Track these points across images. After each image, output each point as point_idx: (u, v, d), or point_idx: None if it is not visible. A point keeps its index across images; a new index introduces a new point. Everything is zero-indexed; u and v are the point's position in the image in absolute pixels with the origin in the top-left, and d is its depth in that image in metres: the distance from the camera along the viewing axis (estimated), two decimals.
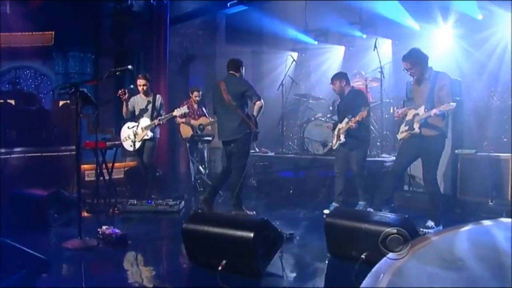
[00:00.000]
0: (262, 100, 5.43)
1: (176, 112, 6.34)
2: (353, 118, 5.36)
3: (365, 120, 5.47)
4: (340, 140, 5.58)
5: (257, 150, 7.97)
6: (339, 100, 5.95)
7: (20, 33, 8.77)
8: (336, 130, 5.74)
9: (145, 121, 6.38)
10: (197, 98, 7.68)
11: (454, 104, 4.21)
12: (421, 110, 4.53)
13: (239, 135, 5.38)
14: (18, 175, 6.04)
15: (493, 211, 5.16)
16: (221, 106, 5.52)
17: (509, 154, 5.52)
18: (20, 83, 9.05)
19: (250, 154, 5.76)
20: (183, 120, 7.39)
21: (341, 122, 5.69)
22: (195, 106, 7.68)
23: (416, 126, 4.55)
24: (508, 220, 1.95)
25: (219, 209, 6.27)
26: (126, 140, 6.45)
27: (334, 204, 5.64)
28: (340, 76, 5.74)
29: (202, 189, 7.34)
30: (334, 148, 5.83)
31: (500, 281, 1.32)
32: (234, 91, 5.40)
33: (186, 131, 7.63)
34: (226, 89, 5.41)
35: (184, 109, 6.39)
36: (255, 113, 5.47)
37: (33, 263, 3.04)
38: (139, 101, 6.50)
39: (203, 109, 7.77)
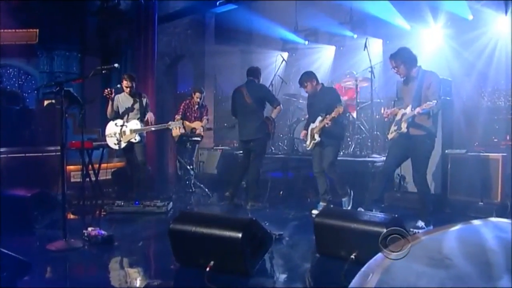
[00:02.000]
0: (281, 105, 6.05)
1: (170, 126, 6.39)
2: (328, 116, 5.27)
3: (339, 117, 5.33)
4: (315, 139, 5.46)
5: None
6: (308, 99, 5.87)
7: (3, 31, 8.56)
8: (309, 130, 5.62)
9: (135, 123, 6.20)
10: (198, 100, 7.45)
11: (435, 101, 4.14)
12: (408, 109, 4.49)
13: (259, 135, 5.87)
14: (2, 176, 5.90)
15: (483, 211, 5.14)
16: (242, 109, 5.99)
17: (499, 154, 5.53)
18: (3, 82, 8.91)
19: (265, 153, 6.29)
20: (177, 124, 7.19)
21: (313, 121, 5.56)
22: (195, 107, 7.49)
23: (403, 125, 4.51)
24: (497, 219, 1.93)
25: (209, 210, 6.22)
26: (111, 137, 6.22)
27: (322, 204, 5.59)
28: (310, 77, 5.62)
29: (190, 190, 7.23)
30: (308, 148, 5.73)
31: (486, 279, 1.31)
32: (255, 95, 5.90)
33: (176, 131, 7.49)
34: (247, 93, 5.89)
35: (178, 124, 6.55)
36: (273, 115, 6.00)
37: (14, 265, 2.94)
38: (123, 100, 6.33)
39: (203, 111, 7.56)
